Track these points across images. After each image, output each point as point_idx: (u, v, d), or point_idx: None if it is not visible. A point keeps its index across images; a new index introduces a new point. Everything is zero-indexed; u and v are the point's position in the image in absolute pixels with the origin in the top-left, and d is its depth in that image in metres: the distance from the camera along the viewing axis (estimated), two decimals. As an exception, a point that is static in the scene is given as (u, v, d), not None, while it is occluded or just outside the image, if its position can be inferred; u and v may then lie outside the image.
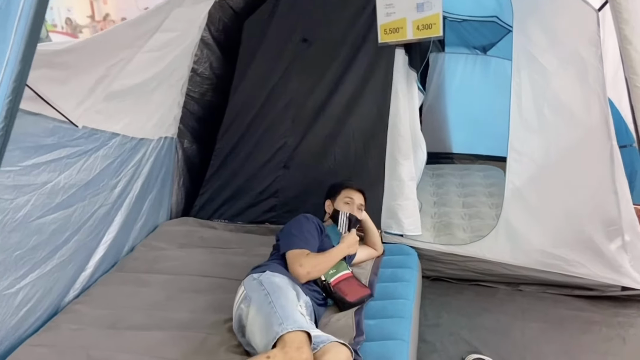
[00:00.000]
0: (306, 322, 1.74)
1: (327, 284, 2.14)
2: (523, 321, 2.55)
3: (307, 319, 1.82)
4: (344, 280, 2.19)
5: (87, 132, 2.07)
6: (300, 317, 1.73)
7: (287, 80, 3.02)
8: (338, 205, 2.50)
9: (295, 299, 1.89)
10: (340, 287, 2.15)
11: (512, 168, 2.73)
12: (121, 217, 2.52)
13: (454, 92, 4.59)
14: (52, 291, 2.08)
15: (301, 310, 1.82)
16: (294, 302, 1.83)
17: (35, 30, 1.03)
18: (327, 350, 1.65)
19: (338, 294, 2.13)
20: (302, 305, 1.90)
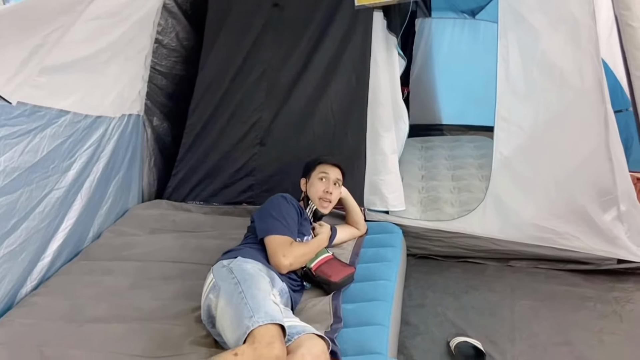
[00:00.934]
0: (279, 312, 1.60)
1: (309, 270, 2.01)
2: (512, 299, 2.41)
3: (282, 307, 1.69)
4: (325, 263, 2.06)
5: (27, 110, 1.88)
6: (273, 307, 1.59)
7: (259, 50, 2.82)
8: (312, 182, 2.34)
9: (269, 287, 1.75)
10: (322, 270, 2.03)
11: (500, 137, 2.57)
12: (81, 202, 2.35)
13: (443, 59, 4.40)
14: (3, 283, 1.92)
15: (275, 299, 1.68)
16: (266, 291, 1.68)
17: None
18: (302, 342, 1.53)
19: (321, 276, 2.00)
20: (276, 294, 1.77)
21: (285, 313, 1.69)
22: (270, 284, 1.78)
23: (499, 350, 2.08)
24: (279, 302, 1.71)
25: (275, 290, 1.78)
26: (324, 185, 2.31)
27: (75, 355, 1.66)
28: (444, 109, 4.56)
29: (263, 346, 1.43)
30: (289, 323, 1.61)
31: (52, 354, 1.68)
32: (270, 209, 2.09)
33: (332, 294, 1.99)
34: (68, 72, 2.01)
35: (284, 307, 1.76)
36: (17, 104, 1.79)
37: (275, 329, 1.50)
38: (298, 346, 1.52)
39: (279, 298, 1.78)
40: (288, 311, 1.77)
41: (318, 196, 2.30)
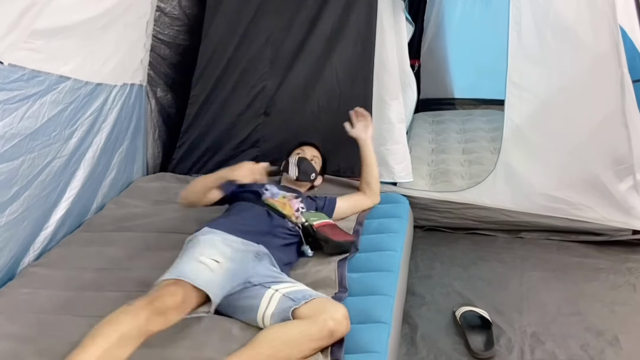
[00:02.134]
0: (200, 270, 1.54)
1: (310, 226, 1.97)
2: (522, 270, 2.36)
3: (222, 267, 1.60)
4: (327, 226, 2.02)
5: (26, 74, 1.84)
6: (189, 266, 1.56)
7: (262, 16, 2.74)
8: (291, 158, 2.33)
9: (207, 250, 1.65)
10: (324, 229, 1.99)
11: (511, 104, 2.48)
12: (84, 172, 2.32)
13: (455, 31, 4.27)
14: (5, 252, 1.91)
15: (204, 260, 1.59)
16: (194, 254, 1.62)
17: None
18: (320, 306, 1.52)
19: (321, 234, 1.95)
20: (218, 257, 1.64)
21: (274, 277, 1.67)
22: (217, 251, 1.67)
23: (506, 320, 2.04)
24: (220, 261, 1.61)
25: (225, 256, 1.66)
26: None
27: (73, 322, 1.64)
28: (456, 83, 4.44)
29: (159, 296, 1.41)
30: (287, 289, 1.58)
31: (51, 321, 1.67)
32: None
33: (337, 261, 1.94)
34: (65, 36, 1.96)
35: (274, 272, 1.72)
36: (14, 67, 1.75)
37: (179, 284, 1.47)
38: (316, 311, 1.49)
39: (231, 262, 1.66)
40: (279, 275, 1.72)
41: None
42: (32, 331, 1.60)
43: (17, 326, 1.63)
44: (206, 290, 1.49)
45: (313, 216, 2.06)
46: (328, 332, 1.45)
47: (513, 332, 1.98)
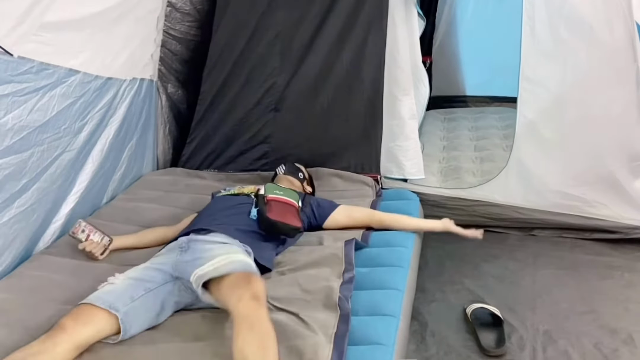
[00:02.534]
0: (97, 291, 1.55)
1: (262, 196, 1.94)
2: (535, 268, 2.32)
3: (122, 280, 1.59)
4: (281, 203, 1.95)
5: (35, 67, 1.84)
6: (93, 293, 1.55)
7: (273, 12, 2.73)
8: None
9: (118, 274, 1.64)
10: (272, 204, 1.92)
11: (524, 99, 2.45)
12: (93, 165, 2.33)
13: (467, 27, 4.23)
14: (15, 243, 1.91)
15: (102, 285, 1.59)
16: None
17: None
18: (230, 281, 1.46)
19: (264, 207, 1.89)
20: (116, 275, 1.63)
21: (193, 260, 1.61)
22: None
23: (518, 318, 2.00)
24: (116, 279, 1.60)
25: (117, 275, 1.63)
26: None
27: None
28: (468, 80, 4.40)
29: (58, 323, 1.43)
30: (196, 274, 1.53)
31: (62, 298, 1.69)
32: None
33: (344, 241, 1.91)
34: (75, 29, 1.97)
35: (200, 252, 1.65)
36: (23, 59, 1.76)
37: (77, 308, 1.48)
38: (228, 285, 1.45)
39: (143, 269, 1.65)
40: (201, 255, 1.62)
41: None
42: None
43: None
44: (95, 302, 1.47)
45: (277, 190, 2.01)
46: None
47: (525, 330, 1.94)
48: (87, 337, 1.41)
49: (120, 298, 1.50)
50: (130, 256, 1.99)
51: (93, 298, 1.50)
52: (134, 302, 1.51)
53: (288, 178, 2.33)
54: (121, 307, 1.47)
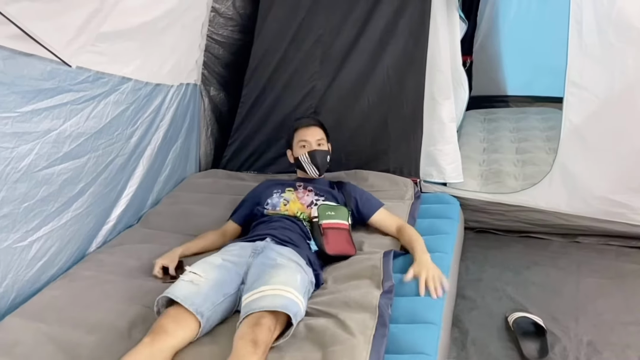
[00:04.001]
0: (181, 286, 1.60)
1: (318, 225, 1.94)
2: (578, 276, 2.29)
3: (201, 279, 1.63)
4: (335, 229, 1.96)
5: (91, 76, 1.94)
6: (176, 284, 1.61)
7: (314, 16, 2.76)
8: (296, 152, 2.23)
9: (194, 268, 1.68)
10: (328, 233, 1.93)
11: (570, 104, 2.39)
12: (142, 169, 2.42)
13: (509, 26, 4.14)
14: (71, 244, 2.03)
15: (184, 277, 1.64)
16: (185, 273, 1.67)
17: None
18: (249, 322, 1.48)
19: (321, 238, 1.91)
20: (200, 270, 1.67)
21: (261, 273, 1.64)
22: (201, 263, 1.73)
23: (561, 328, 1.98)
24: (198, 275, 1.65)
25: (200, 267, 1.69)
26: (307, 150, 2.19)
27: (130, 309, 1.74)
28: (510, 79, 4.31)
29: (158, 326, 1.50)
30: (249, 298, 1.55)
31: (113, 296, 1.80)
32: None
33: (383, 253, 1.92)
34: (127, 39, 2.05)
35: (270, 261, 1.70)
36: (80, 69, 1.85)
37: (170, 309, 1.55)
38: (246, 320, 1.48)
39: (213, 270, 1.69)
40: (270, 269, 1.66)
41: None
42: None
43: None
44: (183, 303, 1.53)
45: (331, 210, 1.99)
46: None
47: (568, 340, 1.92)
48: (184, 339, 1.50)
49: (205, 303, 1.56)
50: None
51: (182, 298, 1.54)
52: (215, 308, 1.59)
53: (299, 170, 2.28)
54: (205, 313, 1.55)
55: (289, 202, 2.09)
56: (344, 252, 1.94)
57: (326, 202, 2.06)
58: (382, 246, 2.04)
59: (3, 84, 1.60)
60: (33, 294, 1.84)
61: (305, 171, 2.21)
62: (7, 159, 1.68)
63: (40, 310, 1.71)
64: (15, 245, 1.76)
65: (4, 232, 1.71)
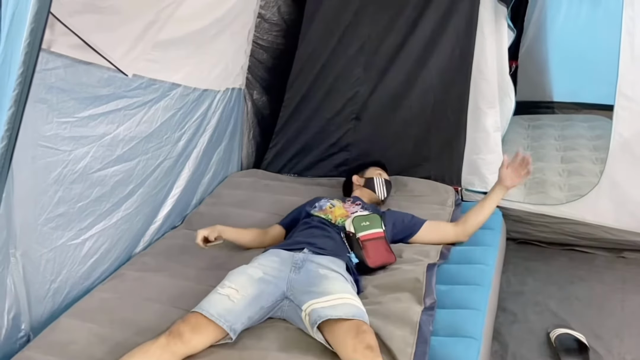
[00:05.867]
0: (215, 301, 1.60)
1: (356, 239, 1.94)
2: (623, 293, 2.23)
3: (238, 295, 1.63)
4: (373, 240, 1.96)
5: (144, 83, 2.01)
6: (211, 297, 1.63)
7: (359, 23, 2.77)
8: (371, 174, 2.43)
9: (230, 281, 1.69)
10: (367, 245, 1.93)
11: (620, 117, 2.33)
12: (188, 171, 2.49)
13: (557, 31, 4.04)
14: (120, 243, 2.11)
15: (222, 290, 1.65)
16: (218, 287, 1.69)
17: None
18: (346, 330, 1.49)
19: (361, 252, 1.91)
20: (238, 286, 1.68)
21: (310, 288, 1.65)
22: (239, 275, 1.73)
23: (604, 346, 1.94)
24: (239, 289, 1.65)
25: (239, 281, 1.69)
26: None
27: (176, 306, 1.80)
28: (556, 85, 4.20)
29: (173, 325, 1.55)
30: (316, 305, 1.58)
31: (156, 300, 1.85)
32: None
33: (427, 266, 1.92)
34: (179, 46, 2.12)
35: (315, 278, 1.70)
36: (133, 76, 1.92)
37: (194, 314, 1.56)
38: (342, 333, 1.49)
39: (251, 286, 1.68)
40: (319, 281, 1.68)
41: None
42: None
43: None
44: (217, 321, 1.54)
45: (365, 220, 2.00)
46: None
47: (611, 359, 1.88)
48: (202, 346, 1.55)
49: (239, 318, 1.59)
50: (221, 259, 2.13)
51: (216, 315, 1.55)
52: (248, 322, 1.62)
53: (363, 189, 2.37)
54: (238, 328, 1.58)
55: (335, 206, 2.12)
56: (385, 262, 1.95)
57: (360, 213, 2.06)
58: (422, 253, 2.04)
59: (64, 90, 1.68)
60: (85, 290, 1.93)
61: (373, 191, 2.35)
62: (65, 162, 1.76)
63: (92, 311, 1.79)
64: (69, 242, 1.85)
65: (60, 230, 1.80)
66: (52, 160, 1.68)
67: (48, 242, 1.74)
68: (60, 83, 1.65)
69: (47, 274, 1.76)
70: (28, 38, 1.01)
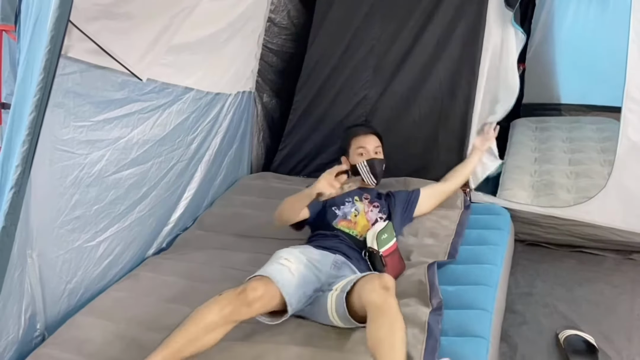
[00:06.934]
0: (280, 271, 1.66)
1: (380, 256, 1.93)
2: (633, 295, 2.23)
3: (299, 269, 1.71)
4: (391, 254, 1.98)
5: (157, 87, 2.05)
6: (273, 267, 1.68)
7: (368, 27, 2.80)
8: (353, 159, 2.26)
9: (289, 254, 1.77)
10: (387, 260, 1.95)
11: (628, 120, 2.34)
12: (201, 174, 2.53)
13: (565, 34, 4.04)
14: (133, 245, 2.14)
15: (284, 263, 1.71)
16: (274, 259, 1.76)
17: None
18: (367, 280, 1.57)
19: (382, 264, 1.92)
20: (294, 259, 1.74)
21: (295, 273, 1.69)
22: (292, 254, 1.78)
23: (614, 348, 1.95)
24: (295, 263, 1.72)
25: (294, 257, 1.76)
26: (365, 158, 2.23)
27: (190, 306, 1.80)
28: (563, 87, 4.20)
29: (243, 289, 1.55)
30: (341, 285, 1.65)
31: (172, 300, 1.88)
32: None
33: (427, 265, 1.94)
34: (192, 51, 2.16)
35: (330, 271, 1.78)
36: (147, 80, 1.96)
37: (263, 280, 1.60)
38: (363, 283, 1.56)
39: (302, 266, 1.75)
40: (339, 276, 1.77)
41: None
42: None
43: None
44: (281, 288, 1.60)
45: (384, 233, 1.98)
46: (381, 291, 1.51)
47: (621, 361, 1.89)
48: (257, 314, 1.60)
49: (296, 293, 1.64)
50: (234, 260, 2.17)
51: (281, 281, 1.61)
52: (303, 301, 1.66)
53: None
54: (294, 304, 1.63)
55: (359, 213, 2.10)
56: (400, 273, 1.96)
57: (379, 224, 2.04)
58: (430, 255, 2.07)
59: (80, 95, 1.72)
60: (100, 291, 1.96)
61: (363, 180, 2.23)
62: (82, 165, 1.80)
63: (107, 309, 1.83)
64: (85, 244, 1.89)
65: (76, 233, 1.84)
66: (68, 163, 1.72)
67: (65, 244, 1.77)
68: (77, 87, 1.69)
69: (63, 275, 1.79)
70: (48, 45, 1.05)
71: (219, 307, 1.53)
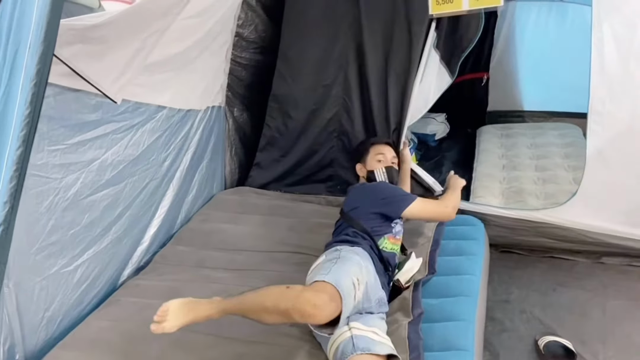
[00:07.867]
0: (350, 289, 1.57)
1: (405, 288, 1.94)
2: (604, 298, 2.32)
3: (362, 300, 1.65)
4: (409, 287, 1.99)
5: (131, 106, 2.01)
6: (346, 281, 1.58)
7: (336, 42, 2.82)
8: (371, 165, 2.31)
9: (361, 274, 1.68)
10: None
11: (594, 131, 2.41)
12: (173, 191, 2.48)
13: (526, 43, 4.18)
14: (109, 266, 2.09)
15: (356, 284, 1.62)
16: (350, 273, 1.65)
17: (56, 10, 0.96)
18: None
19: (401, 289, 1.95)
20: (362, 284, 1.66)
21: (356, 301, 1.63)
22: (367, 275, 1.73)
23: (590, 351, 2.02)
24: (360, 291, 1.64)
25: (368, 285, 1.71)
26: (384, 165, 2.29)
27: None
28: (526, 95, 4.34)
29: (311, 291, 1.49)
30: (358, 331, 1.59)
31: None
32: (380, 194, 2.08)
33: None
34: (163, 70, 2.12)
35: (375, 314, 1.74)
36: (122, 100, 1.91)
37: (332, 289, 1.51)
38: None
39: (367, 294, 1.70)
40: (375, 320, 1.71)
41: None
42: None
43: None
44: (343, 312, 1.51)
45: (402, 264, 1.98)
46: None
47: (597, 364, 1.96)
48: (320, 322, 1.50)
49: (352, 311, 1.60)
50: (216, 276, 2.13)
51: (347, 305, 1.52)
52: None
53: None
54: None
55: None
56: None
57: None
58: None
59: (54, 118, 1.67)
60: (78, 317, 1.90)
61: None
62: (57, 189, 1.74)
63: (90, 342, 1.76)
64: (62, 270, 1.83)
65: (53, 258, 1.78)
66: (43, 189, 1.67)
67: (41, 270, 1.72)
68: (51, 111, 1.63)
69: (41, 302, 1.73)
70: (34, 79, 1.01)
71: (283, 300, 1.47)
